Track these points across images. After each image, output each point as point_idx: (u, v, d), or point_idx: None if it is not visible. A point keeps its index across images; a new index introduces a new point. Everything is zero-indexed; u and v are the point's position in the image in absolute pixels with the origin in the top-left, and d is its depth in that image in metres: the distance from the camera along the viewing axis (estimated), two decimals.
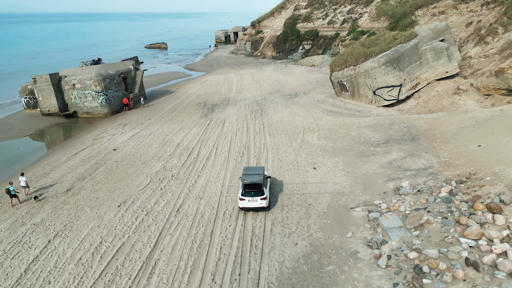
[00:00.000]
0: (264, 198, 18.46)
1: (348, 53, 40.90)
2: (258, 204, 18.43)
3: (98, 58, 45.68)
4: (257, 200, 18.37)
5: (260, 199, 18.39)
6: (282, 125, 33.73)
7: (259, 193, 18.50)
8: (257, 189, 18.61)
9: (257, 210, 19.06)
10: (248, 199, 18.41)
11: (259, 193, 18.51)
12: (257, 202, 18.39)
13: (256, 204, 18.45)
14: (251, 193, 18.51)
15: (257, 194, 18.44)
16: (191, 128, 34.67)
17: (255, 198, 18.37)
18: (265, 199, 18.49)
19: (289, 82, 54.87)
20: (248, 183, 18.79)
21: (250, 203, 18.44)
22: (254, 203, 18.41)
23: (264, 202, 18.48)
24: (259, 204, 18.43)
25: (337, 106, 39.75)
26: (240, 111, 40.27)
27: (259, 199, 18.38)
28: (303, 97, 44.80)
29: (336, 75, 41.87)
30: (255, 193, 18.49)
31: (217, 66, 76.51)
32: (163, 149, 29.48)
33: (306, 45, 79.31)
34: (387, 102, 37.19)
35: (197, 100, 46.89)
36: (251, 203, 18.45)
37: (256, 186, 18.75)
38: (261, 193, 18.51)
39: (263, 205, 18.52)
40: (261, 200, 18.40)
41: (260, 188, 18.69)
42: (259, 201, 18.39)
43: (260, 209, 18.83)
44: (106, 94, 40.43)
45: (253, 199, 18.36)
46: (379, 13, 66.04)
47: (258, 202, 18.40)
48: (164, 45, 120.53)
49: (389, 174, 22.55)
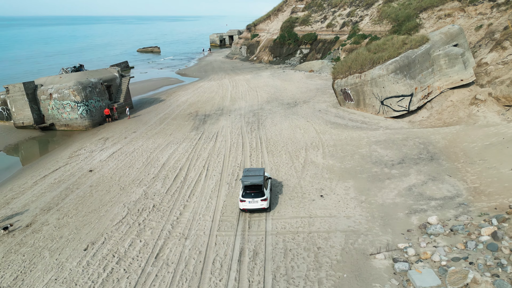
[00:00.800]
0: (265, 200, 18.55)
1: (353, 59, 37.49)
2: (258, 205, 18.51)
3: (80, 65, 41.96)
4: (258, 201, 18.44)
5: (260, 201, 18.44)
6: (282, 140, 30.16)
7: (259, 195, 18.52)
8: (257, 191, 18.61)
9: (258, 212, 18.99)
10: (248, 201, 18.46)
11: (259, 194, 18.53)
12: (258, 203, 18.48)
13: (256, 206, 18.51)
14: (251, 194, 18.54)
15: (257, 196, 18.48)
16: (180, 143, 30.98)
17: (256, 200, 18.42)
18: (265, 200, 18.56)
19: (288, 89, 51.40)
20: (248, 185, 18.73)
21: (251, 204, 18.50)
22: (255, 204, 18.49)
23: (264, 204, 18.55)
24: (260, 205, 18.51)
25: (341, 117, 36.28)
26: (234, 122, 36.66)
27: (259, 201, 18.44)
28: (303, 106, 41.30)
29: (339, 83, 38.43)
30: (256, 194, 18.51)
31: (211, 72, 72.94)
32: (146, 170, 25.76)
33: (304, 49, 76.01)
34: (396, 113, 33.76)
35: (189, 109, 43.23)
36: (251, 205, 18.51)
37: (257, 188, 18.73)
38: (261, 195, 18.53)
39: (264, 206, 18.58)
40: (261, 202, 18.47)
41: (261, 190, 18.68)
42: (260, 202, 18.47)
43: (261, 210, 18.86)
44: (86, 104, 36.66)
45: (254, 201, 18.43)
46: (381, 16, 62.89)
47: (259, 204, 18.48)
48: (157, 49, 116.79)
49: (410, 204, 19.01)
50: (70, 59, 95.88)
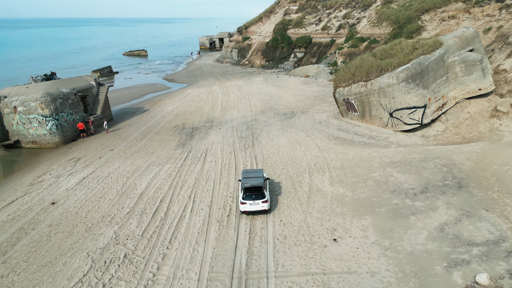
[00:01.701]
0: (266, 201, 18.51)
1: (357, 66, 33.77)
2: (259, 207, 18.43)
3: (52, 73, 37.42)
4: (259, 203, 18.38)
5: (261, 202, 18.40)
6: (281, 160, 26.20)
7: (260, 196, 18.46)
8: (258, 192, 18.55)
9: (258, 213, 18.84)
10: (249, 203, 18.34)
11: (260, 196, 18.47)
12: (259, 205, 18.41)
13: (257, 208, 18.44)
14: (252, 196, 18.46)
15: (258, 198, 18.42)
16: (163, 164, 26.79)
17: (257, 202, 18.35)
18: (266, 202, 18.52)
19: (283, 97, 47.53)
20: (248, 187, 18.56)
21: (252, 206, 18.41)
22: (256, 206, 18.42)
23: (265, 205, 18.52)
24: (261, 207, 18.44)
25: (344, 130, 32.49)
26: (226, 137, 32.60)
27: (260, 202, 18.38)
28: (301, 117, 37.44)
29: (341, 92, 34.67)
30: (256, 196, 18.45)
31: (201, 77, 68.74)
32: (120, 202, 21.51)
33: (299, 53, 72.35)
34: (408, 127, 30.09)
35: (175, 121, 39.00)
36: (252, 207, 18.42)
37: (257, 189, 18.66)
38: (262, 196, 18.48)
39: (265, 208, 18.52)
40: (262, 203, 18.43)
41: (261, 191, 18.63)
42: (261, 204, 18.41)
43: (262, 212, 18.67)
44: (56, 118, 32.20)
45: (255, 203, 18.35)
46: (380, 18, 59.53)
47: (260, 206, 18.42)
48: (144, 52, 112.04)
49: (447, 253, 15.18)
50: (54, 65, 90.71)
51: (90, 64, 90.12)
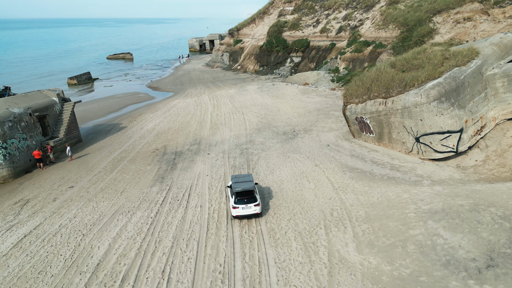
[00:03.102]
0: (258, 205, 18.52)
1: (373, 79, 28.11)
2: (252, 211, 18.44)
3: (5, 87, 31.00)
4: (251, 207, 18.40)
5: (254, 206, 18.43)
6: (285, 205, 20.35)
7: (252, 200, 18.51)
8: (249, 196, 18.60)
9: (250, 217, 18.79)
10: (241, 207, 18.34)
11: (252, 199, 18.52)
12: (251, 209, 18.42)
13: (250, 211, 18.43)
14: (244, 200, 18.43)
15: (250, 201, 18.44)
16: (133, 211, 20.73)
17: (249, 205, 18.38)
18: (258, 205, 18.55)
19: (281, 110, 41.72)
20: (240, 191, 18.62)
21: (244, 210, 18.39)
22: (248, 210, 18.41)
23: (257, 209, 18.56)
24: (253, 211, 18.46)
25: (359, 156, 26.81)
26: (215, 166, 26.67)
27: (253, 206, 18.42)
28: (305, 138, 31.67)
29: (353, 110, 29.01)
30: (248, 200, 18.45)
31: (188, 84, 62.57)
32: (65, 281, 15.39)
33: (295, 57, 66.65)
34: (439, 155, 24.50)
35: (155, 143, 32.89)
36: (245, 211, 18.40)
37: (249, 193, 18.73)
38: (254, 200, 18.54)
39: (257, 212, 18.57)
40: (254, 207, 18.46)
41: (253, 195, 18.75)
42: (253, 207, 18.44)
43: (254, 215, 18.65)
44: (4, 147, 25.90)
45: (247, 206, 18.37)
46: (386, 20, 54.08)
47: (252, 209, 18.43)
48: (129, 55, 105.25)
49: None
50: (25, 71, 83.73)
51: (70, 69, 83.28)
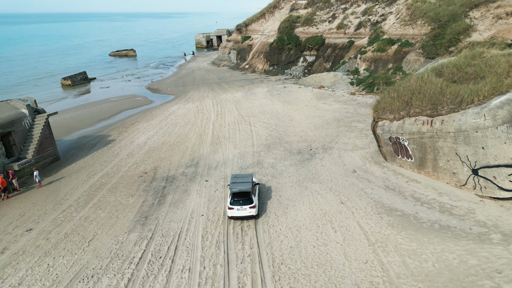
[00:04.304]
0: (253, 207, 18.14)
1: (414, 90, 22.22)
2: (247, 212, 18.06)
3: None
4: (246, 208, 18.00)
5: (249, 208, 18.02)
6: (306, 272, 14.79)
7: (247, 202, 18.10)
8: (245, 198, 18.22)
9: (246, 219, 18.46)
10: (237, 208, 18.03)
11: (248, 201, 18.12)
12: (246, 211, 18.04)
13: (245, 213, 18.07)
14: (239, 201, 18.13)
15: (246, 203, 18.06)
16: (98, 277, 15.36)
17: (244, 207, 17.98)
18: (254, 207, 18.16)
19: (294, 119, 36.02)
20: (236, 192, 18.43)
21: (239, 212, 18.06)
22: (243, 211, 18.05)
23: (253, 211, 18.15)
24: (248, 212, 18.07)
25: (395, 188, 21.08)
26: (214, 201, 21.21)
27: (248, 208, 18.01)
28: (325, 159, 26.01)
29: (386, 127, 23.21)
30: (244, 201, 18.10)
31: (191, 86, 57.10)
32: None
33: (309, 56, 60.61)
34: (506, 194, 18.63)
35: (144, 163, 27.56)
36: (240, 212, 18.07)
37: (245, 195, 18.36)
38: (250, 202, 18.12)
39: (252, 214, 18.16)
40: (250, 209, 18.06)
41: (249, 197, 18.29)
42: (248, 209, 18.04)
43: (249, 217, 18.25)
44: None
45: (242, 208, 18.00)
46: (413, 15, 47.71)
47: (247, 211, 18.05)
48: (133, 52, 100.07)
49: None
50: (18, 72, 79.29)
51: (69, 67, 78.54)
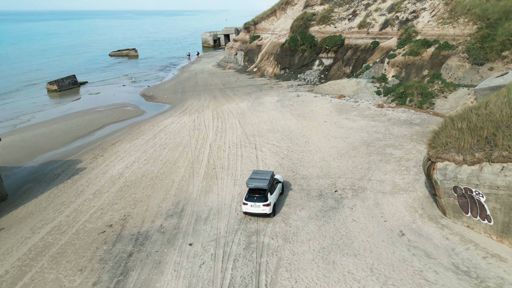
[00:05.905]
0: (267, 205, 17.62)
1: (499, 120, 14.79)
2: (260, 210, 17.68)
3: None
4: (260, 206, 17.65)
5: (262, 205, 17.62)
6: None
7: (262, 199, 17.70)
8: (261, 195, 17.81)
9: (260, 216, 18.13)
10: (250, 204, 17.74)
11: (262, 199, 17.72)
12: (260, 208, 17.67)
13: (258, 210, 17.72)
14: (254, 198, 17.78)
15: (260, 200, 17.67)
16: None
17: (258, 204, 17.64)
18: (267, 205, 17.64)
19: (311, 141, 28.80)
20: (252, 188, 18.19)
21: (253, 208, 17.76)
22: (257, 209, 17.72)
23: (266, 209, 17.66)
24: (261, 210, 17.67)
25: (471, 272, 13.85)
26: (197, 285, 14.16)
27: (261, 205, 17.62)
28: (356, 210, 18.79)
29: (451, 172, 15.88)
30: (258, 198, 17.72)
31: (191, 92, 50.14)
32: None
33: (326, 59, 53.10)
34: None
35: (112, 209, 20.65)
36: (253, 209, 17.77)
37: (260, 192, 18.00)
38: (264, 199, 17.71)
39: (266, 212, 17.69)
40: (263, 207, 17.63)
41: (265, 194, 17.87)
42: (262, 207, 17.64)
43: (263, 215, 17.88)
44: None
45: (256, 205, 17.67)
46: (453, 11, 39.87)
47: (261, 209, 17.66)
48: (134, 52, 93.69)
49: None
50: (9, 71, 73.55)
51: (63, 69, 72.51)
